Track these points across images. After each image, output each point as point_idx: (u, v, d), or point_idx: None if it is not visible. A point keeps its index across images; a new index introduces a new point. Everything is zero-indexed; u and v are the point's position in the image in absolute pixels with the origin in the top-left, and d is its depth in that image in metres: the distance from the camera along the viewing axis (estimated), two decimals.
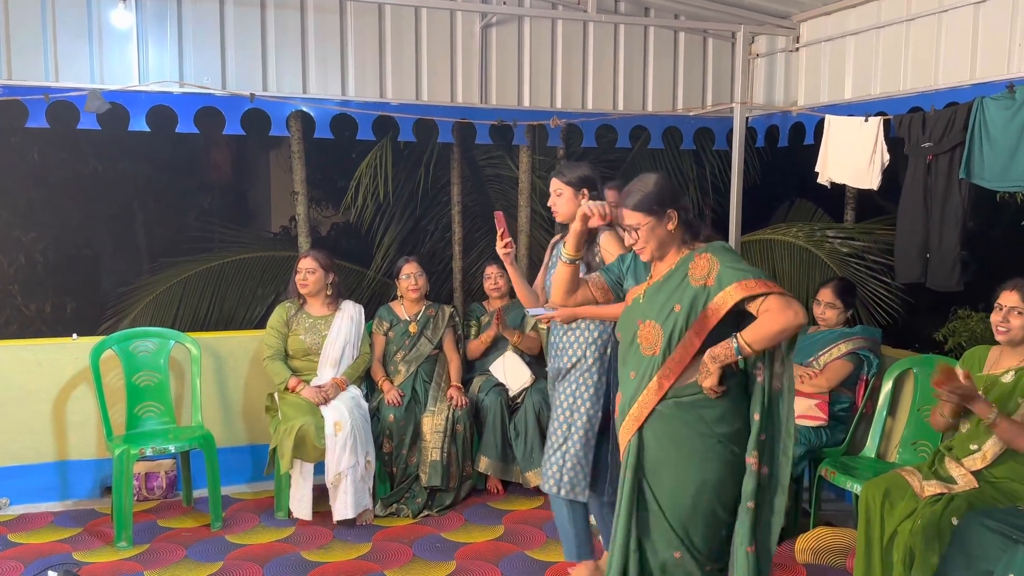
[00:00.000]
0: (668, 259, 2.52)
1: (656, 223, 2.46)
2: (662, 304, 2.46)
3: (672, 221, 2.46)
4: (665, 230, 2.47)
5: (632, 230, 2.48)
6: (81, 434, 4.24)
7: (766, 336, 2.33)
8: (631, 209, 2.47)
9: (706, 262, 2.43)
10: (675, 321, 2.42)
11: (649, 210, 2.45)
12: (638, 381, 2.49)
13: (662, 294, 2.48)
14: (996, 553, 2.52)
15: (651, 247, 2.49)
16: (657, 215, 2.45)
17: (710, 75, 5.23)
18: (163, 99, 4.26)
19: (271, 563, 3.60)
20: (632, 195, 2.48)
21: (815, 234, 5.73)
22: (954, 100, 3.88)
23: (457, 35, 4.74)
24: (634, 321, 2.52)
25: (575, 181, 3.16)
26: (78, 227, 8.04)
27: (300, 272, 4.21)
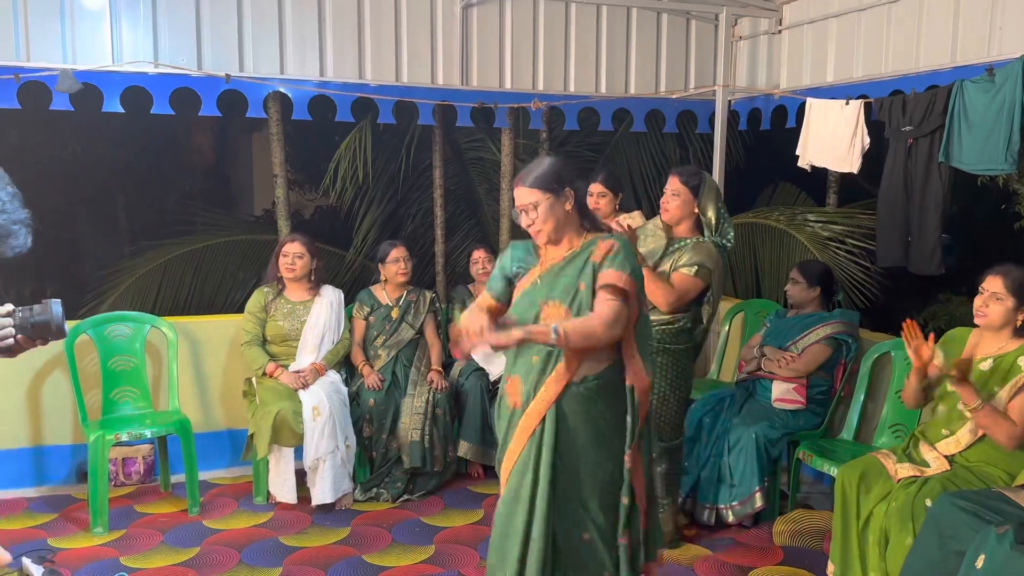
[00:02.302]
0: (565, 243, 2.51)
1: (554, 200, 2.45)
2: (567, 284, 2.46)
3: (569, 200, 2.47)
4: (563, 209, 2.46)
5: (530, 208, 2.46)
6: (57, 419, 4.20)
7: (580, 335, 2.34)
8: (528, 187, 2.46)
9: (609, 246, 2.46)
10: (581, 300, 2.43)
11: (548, 187, 2.44)
12: (543, 364, 2.45)
13: (565, 275, 2.47)
14: (968, 534, 2.53)
15: (548, 227, 2.46)
16: (555, 192, 2.45)
17: (693, 58, 5.20)
18: (137, 80, 4.20)
19: (249, 548, 3.58)
20: (529, 173, 2.48)
21: (796, 217, 5.73)
22: (935, 83, 3.87)
23: (437, 16, 4.69)
24: (535, 303, 2.48)
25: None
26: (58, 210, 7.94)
27: (287, 256, 4.14)
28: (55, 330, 1.75)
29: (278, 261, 4.17)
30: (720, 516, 3.70)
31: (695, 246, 3.36)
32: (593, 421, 2.47)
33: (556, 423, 2.44)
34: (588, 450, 2.47)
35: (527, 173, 2.49)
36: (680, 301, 3.30)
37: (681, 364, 3.39)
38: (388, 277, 4.38)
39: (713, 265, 3.33)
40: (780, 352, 3.90)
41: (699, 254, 3.32)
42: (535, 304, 2.48)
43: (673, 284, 3.29)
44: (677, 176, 3.40)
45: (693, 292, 3.32)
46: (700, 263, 3.30)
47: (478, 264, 4.60)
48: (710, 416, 3.87)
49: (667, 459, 3.43)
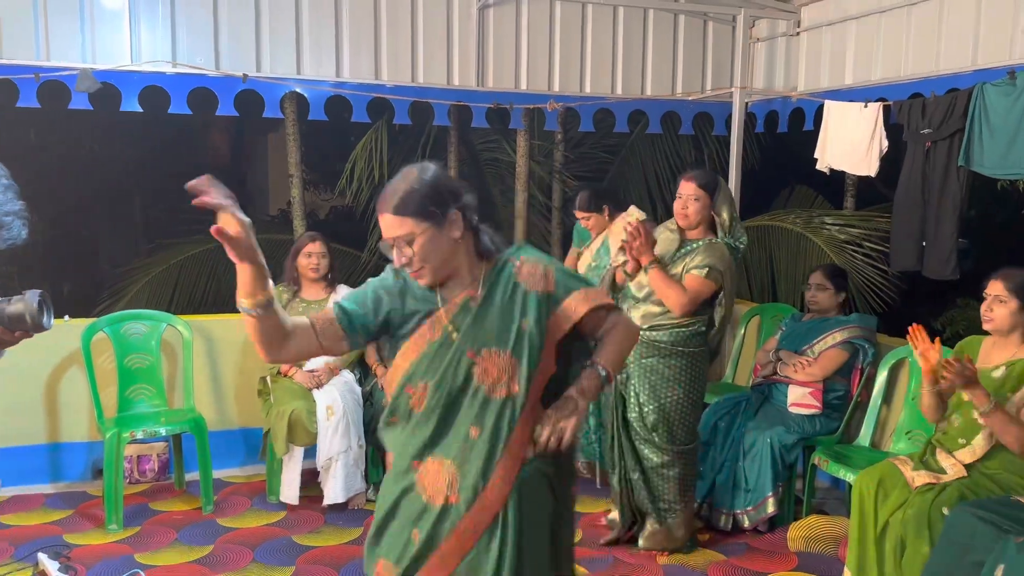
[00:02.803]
0: (465, 275, 1.87)
1: (434, 232, 1.79)
2: (499, 325, 1.84)
3: (456, 226, 1.82)
4: (448, 239, 1.81)
5: (401, 244, 1.79)
6: (73, 416, 4.23)
7: (622, 358, 1.97)
8: (395, 214, 1.78)
9: (533, 264, 1.90)
10: (530, 341, 1.84)
11: (423, 213, 1.78)
12: (490, 439, 1.81)
13: (492, 315, 1.85)
14: (987, 544, 2.50)
15: (432, 265, 1.81)
16: (435, 219, 1.79)
17: (710, 59, 5.18)
18: (156, 79, 4.22)
19: (262, 547, 3.59)
20: (394, 195, 1.79)
21: (812, 220, 5.69)
22: (955, 86, 3.83)
23: (454, 16, 4.69)
24: (462, 356, 1.83)
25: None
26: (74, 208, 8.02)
27: (312, 256, 4.14)
28: (31, 322, 1.64)
29: (297, 261, 4.16)
30: (736, 521, 3.67)
31: (707, 247, 3.34)
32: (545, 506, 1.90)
33: (518, 514, 1.83)
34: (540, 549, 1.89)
35: (392, 193, 1.80)
36: (692, 304, 3.28)
37: (696, 367, 3.37)
38: None
39: (724, 267, 3.31)
40: (796, 356, 3.87)
41: (711, 256, 3.30)
42: (461, 358, 1.83)
43: (685, 287, 3.27)
44: (694, 180, 3.37)
45: (705, 294, 3.30)
46: (711, 265, 3.28)
47: None
48: (725, 420, 3.85)
49: (681, 463, 3.41)
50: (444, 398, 1.83)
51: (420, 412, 1.85)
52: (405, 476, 1.88)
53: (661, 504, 3.43)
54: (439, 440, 1.85)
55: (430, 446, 1.85)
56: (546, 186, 6.69)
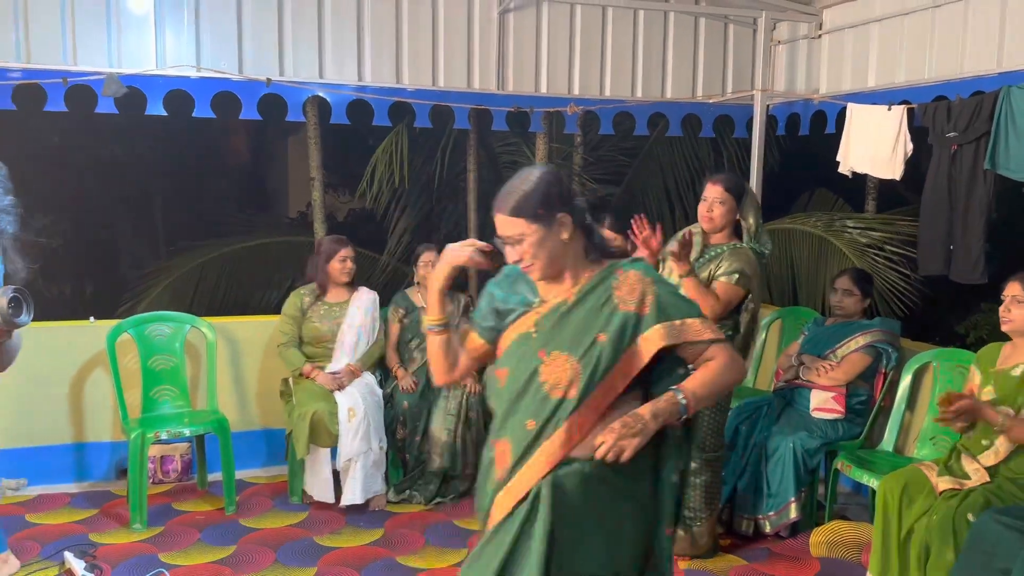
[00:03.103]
0: (568, 277, 1.98)
1: (544, 232, 1.90)
2: (576, 332, 1.93)
3: (566, 228, 1.92)
4: (557, 240, 1.91)
5: (513, 243, 1.91)
6: (97, 416, 4.28)
7: (713, 394, 1.93)
8: (509, 214, 1.90)
9: (636, 282, 1.94)
10: (599, 354, 1.90)
11: (534, 215, 1.89)
12: (537, 432, 1.92)
13: (575, 320, 1.94)
14: (1013, 550, 2.48)
15: (541, 262, 1.92)
16: (545, 222, 1.89)
17: (730, 62, 5.16)
18: (180, 83, 4.26)
19: (284, 547, 3.61)
20: (509, 196, 1.91)
21: (834, 224, 5.66)
22: (980, 89, 3.80)
23: (474, 20, 4.71)
24: (533, 353, 1.94)
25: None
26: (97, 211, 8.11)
27: (345, 261, 4.17)
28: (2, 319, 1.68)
29: (330, 266, 4.18)
30: (758, 526, 3.66)
31: (733, 252, 3.32)
32: (597, 507, 1.92)
33: (550, 499, 1.87)
34: (585, 536, 1.92)
35: (507, 195, 1.91)
36: (724, 311, 3.26)
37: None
38: (419, 280, 4.40)
39: (752, 272, 3.29)
40: (819, 360, 3.85)
41: (738, 261, 3.29)
42: (533, 354, 1.94)
43: (717, 294, 3.26)
44: (720, 183, 3.35)
45: (736, 301, 3.29)
46: (740, 270, 3.26)
47: None
48: (747, 424, 3.83)
49: (708, 471, 3.40)
50: (514, 387, 1.97)
51: (502, 390, 2.01)
52: (489, 444, 2.05)
53: (686, 512, 3.41)
54: (507, 422, 1.99)
55: (502, 427, 2.01)
56: None
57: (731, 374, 1.97)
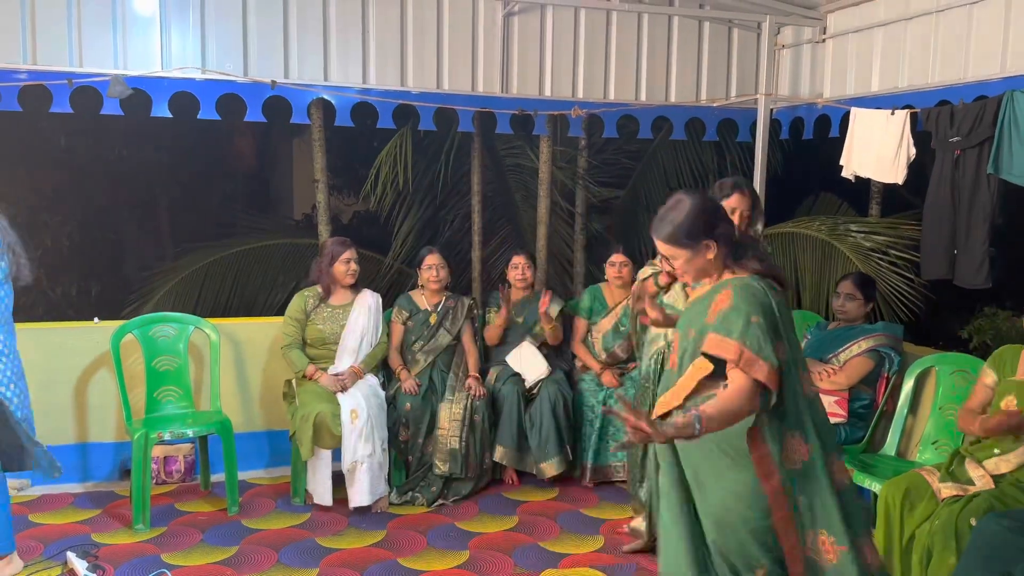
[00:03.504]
0: (715, 278, 2.37)
1: (692, 255, 2.28)
2: (687, 323, 2.38)
3: (711, 251, 2.28)
4: (704, 260, 2.29)
5: (668, 260, 2.36)
6: (101, 417, 4.29)
7: (724, 420, 2.11)
8: (662, 241, 2.30)
9: (723, 296, 2.26)
10: (688, 345, 2.33)
11: (681, 243, 2.27)
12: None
13: (690, 313, 2.40)
14: (1015, 554, 2.48)
15: (690, 276, 2.35)
16: (692, 248, 2.27)
17: (735, 66, 5.17)
18: (185, 85, 4.28)
19: (286, 548, 3.62)
20: (663, 224, 2.30)
21: (837, 228, 5.65)
22: (983, 93, 3.80)
23: (479, 23, 4.72)
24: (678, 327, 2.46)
25: None
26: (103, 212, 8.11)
27: (349, 263, 4.18)
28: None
29: (334, 268, 4.19)
30: None
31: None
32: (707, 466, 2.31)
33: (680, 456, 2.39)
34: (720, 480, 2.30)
35: (660, 222, 2.30)
36: None
37: None
38: (423, 283, 4.41)
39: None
40: (821, 364, 3.84)
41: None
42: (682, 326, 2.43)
43: None
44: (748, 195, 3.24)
45: None
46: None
47: (517, 270, 4.60)
48: None
49: None
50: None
51: None
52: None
53: None
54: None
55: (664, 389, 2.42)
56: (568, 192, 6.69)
57: (739, 402, 2.12)
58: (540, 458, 4.25)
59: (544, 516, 4.02)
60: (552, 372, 4.39)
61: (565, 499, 4.23)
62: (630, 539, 3.66)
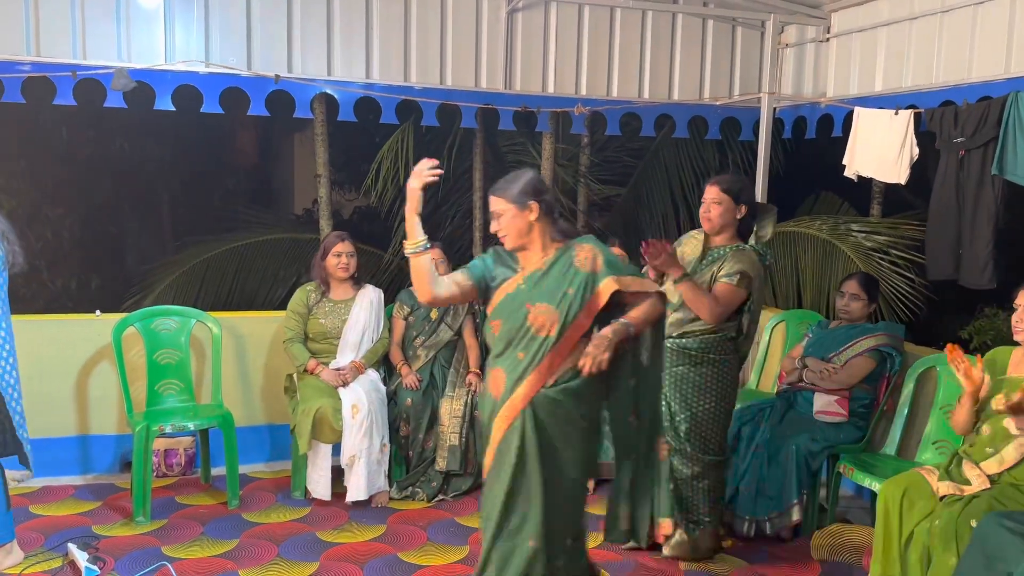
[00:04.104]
0: (537, 249, 2.67)
1: (517, 211, 2.62)
2: (553, 289, 2.62)
3: (533, 212, 2.62)
4: (526, 220, 2.62)
5: (496, 216, 2.66)
6: (102, 409, 4.30)
7: (645, 319, 2.66)
8: (495, 196, 2.66)
9: (588, 252, 2.66)
10: (570, 303, 2.61)
11: (512, 199, 2.62)
12: (528, 361, 2.61)
13: (550, 281, 2.64)
14: (1016, 555, 2.48)
15: (512, 233, 2.65)
16: (519, 205, 2.61)
17: (738, 64, 5.17)
18: (189, 78, 4.28)
19: (286, 542, 3.63)
20: (499, 186, 2.68)
21: (839, 227, 5.66)
22: (987, 94, 3.80)
23: (482, 20, 4.72)
24: (522, 306, 2.64)
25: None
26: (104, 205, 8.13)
27: (341, 256, 4.17)
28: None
29: (327, 261, 4.20)
30: (759, 528, 3.66)
31: (735, 254, 3.31)
32: (563, 422, 2.64)
33: (533, 418, 2.61)
34: (558, 450, 2.64)
35: (500, 184, 2.68)
36: (726, 312, 3.26)
37: (726, 375, 3.36)
38: None
39: (755, 273, 3.28)
40: (823, 364, 3.85)
41: (740, 262, 3.28)
42: (522, 306, 2.64)
43: (716, 296, 3.26)
44: (717, 185, 3.36)
45: (737, 302, 3.28)
46: (742, 272, 3.26)
47: None
48: (749, 427, 3.83)
49: (712, 475, 3.40)
50: (509, 331, 2.66)
51: (497, 336, 2.69)
52: (486, 378, 2.77)
53: (689, 515, 3.42)
54: (501, 356, 2.68)
55: (496, 359, 2.71)
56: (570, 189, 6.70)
57: (657, 309, 2.70)
58: None
59: None
60: None
61: None
62: None
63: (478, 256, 2.83)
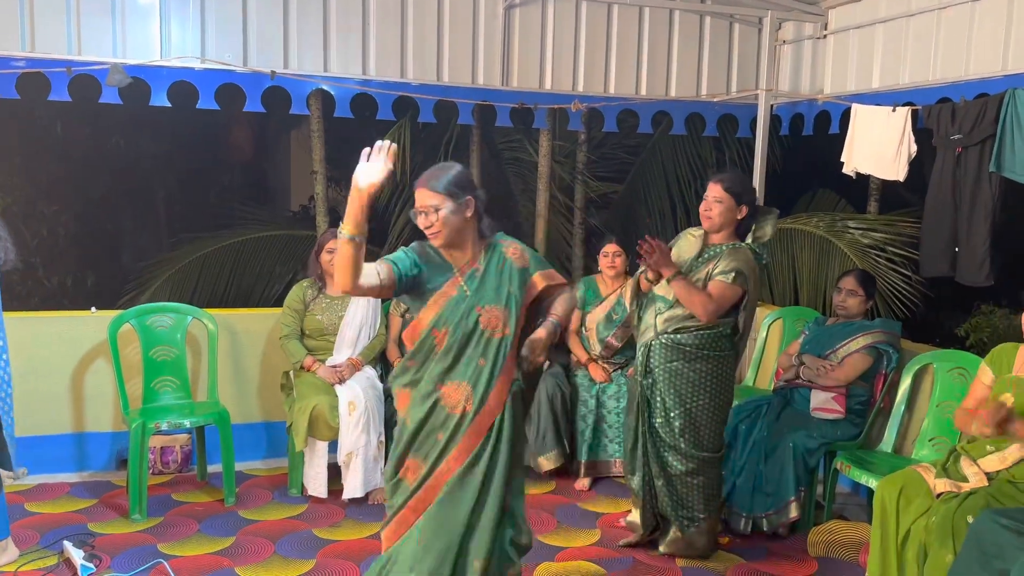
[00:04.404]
0: (468, 249, 2.57)
1: (455, 207, 2.48)
2: (496, 288, 2.55)
3: (469, 208, 2.50)
4: (462, 216, 2.50)
5: (430, 211, 2.46)
6: (98, 407, 4.29)
7: (568, 314, 2.68)
8: (431, 189, 2.47)
9: (516, 248, 2.65)
10: (515, 301, 2.56)
11: (450, 192, 2.47)
12: (491, 366, 2.51)
13: (491, 280, 2.56)
14: (1012, 552, 2.48)
15: (447, 230, 2.49)
16: (456, 198, 2.48)
17: (735, 61, 5.16)
18: (184, 75, 4.27)
19: (283, 539, 3.62)
20: (433, 176, 2.49)
21: (836, 224, 5.65)
22: (985, 91, 3.80)
23: (480, 16, 4.71)
24: (471, 310, 2.52)
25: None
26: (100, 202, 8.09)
27: (332, 252, 4.17)
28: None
29: (321, 257, 4.19)
30: (756, 525, 3.66)
31: (732, 252, 3.31)
32: (521, 414, 2.66)
33: (511, 418, 2.56)
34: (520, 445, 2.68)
35: (431, 176, 2.49)
36: (720, 310, 3.25)
37: (722, 372, 3.36)
38: None
39: (750, 271, 3.28)
40: (820, 361, 3.85)
41: (736, 260, 3.28)
42: (471, 310, 2.52)
43: (710, 293, 3.25)
44: (720, 183, 3.35)
45: (732, 299, 3.28)
46: (737, 269, 3.25)
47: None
48: (746, 423, 3.83)
49: (706, 472, 3.39)
50: (460, 338, 2.51)
51: (442, 349, 2.52)
52: (430, 397, 2.53)
53: (684, 512, 3.42)
54: (455, 367, 2.52)
55: (450, 372, 2.52)
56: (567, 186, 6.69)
57: (572, 301, 2.76)
58: (538, 452, 4.25)
59: (541, 509, 4.02)
60: (550, 366, 4.39)
61: (562, 493, 4.23)
62: (626, 533, 3.66)
63: (400, 249, 2.59)
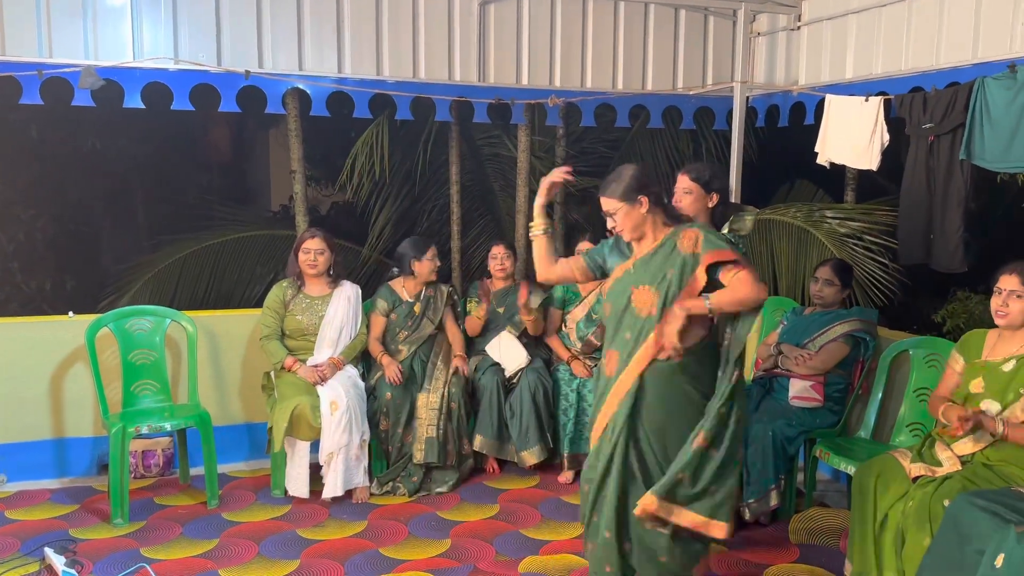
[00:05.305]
0: (650, 236, 2.85)
1: (629, 208, 2.80)
2: (655, 271, 2.80)
3: (643, 205, 2.80)
4: (639, 213, 2.81)
5: (610, 215, 2.83)
6: (78, 412, 4.25)
7: (730, 300, 2.72)
8: (606, 197, 2.83)
9: (693, 235, 2.80)
10: (669, 284, 2.76)
11: (621, 197, 2.80)
12: (634, 340, 2.79)
13: (654, 263, 2.81)
14: (988, 533, 2.52)
15: (628, 228, 2.83)
16: (629, 201, 2.79)
17: (711, 54, 5.18)
18: (158, 76, 4.23)
19: (267, 541, 3.61)
20: (607, 185, 2.84)
21: (813, 214, 5.70)
22: (955, 80, 3.84)
23: (455, 12, 4.69)
24: (628, 288, 2.84)
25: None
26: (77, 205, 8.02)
27: (309, 253, 4.16)
28: None
29: (298, 257, 4.18)
30: (738, 513, 3.68)
31: None
32: (673, 393, 2.78)
33: (641, 391, 2.78)
34: (668, 419, 2.79)
35: (606, 184, 2.85)
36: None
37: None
38: (421, 273, 4.37)
39: None
40: (797, 350, 3.88)
41: None
42: (627, 289, 2.84)
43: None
44: (687, 174, 3.39)
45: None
46: None
47: (496, 260, 4.61)
48: None
49: None
50: (616, 312, 2.86)
51: (608, 317, 2.90)
52: (602, 359, 2.94)
53: None
54: (614, 337, 2.87)
55: (611, 341, 2.89)
56: None
57: (747, 288, 2.70)
58: (521, 447, 4.27)
59: (525, 503, 4.04)
60: (532, 361, 4.40)
61: (545, 487, 4.25)
62: None
63: (601, 241, 3.08)
